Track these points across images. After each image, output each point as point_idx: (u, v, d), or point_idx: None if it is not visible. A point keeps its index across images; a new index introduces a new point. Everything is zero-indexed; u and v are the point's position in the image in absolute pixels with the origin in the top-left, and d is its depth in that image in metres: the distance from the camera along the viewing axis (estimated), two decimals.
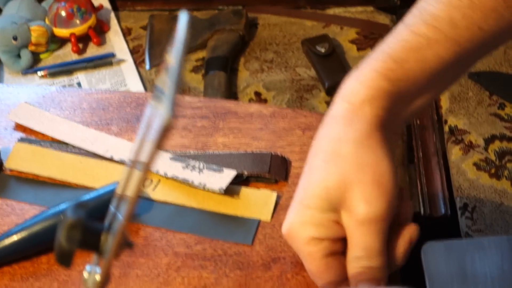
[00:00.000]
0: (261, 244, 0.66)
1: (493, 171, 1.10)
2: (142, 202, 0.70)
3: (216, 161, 0.71)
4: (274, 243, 0.65)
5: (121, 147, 0.74)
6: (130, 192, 0.38)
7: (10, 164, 0.73)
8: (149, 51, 1.39)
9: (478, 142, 1.15)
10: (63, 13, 1.40)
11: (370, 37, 1.40)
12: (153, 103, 0.34)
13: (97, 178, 0.72)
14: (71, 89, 0.81)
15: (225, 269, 0.64)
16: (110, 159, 0.73)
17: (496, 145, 1.14)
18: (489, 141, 1.15)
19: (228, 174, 0.69)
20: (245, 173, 0.70)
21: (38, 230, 0.66)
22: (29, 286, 0.64)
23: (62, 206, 0.66)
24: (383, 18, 1.43)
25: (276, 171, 0.70)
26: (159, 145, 0.33)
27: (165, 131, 0.31)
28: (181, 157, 0.72)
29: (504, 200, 1.06)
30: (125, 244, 0.41)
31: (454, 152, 1.15)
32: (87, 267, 0.43)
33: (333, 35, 1.40)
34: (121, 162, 0.72)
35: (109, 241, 0.39)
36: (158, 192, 0.70)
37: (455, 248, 0.57)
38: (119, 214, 0.41)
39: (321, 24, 1.43)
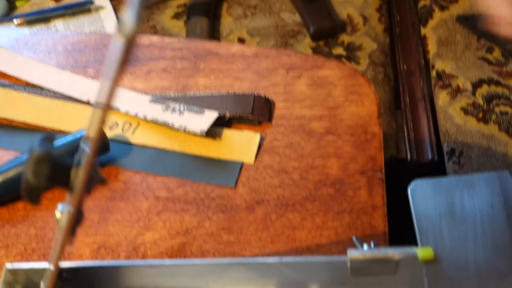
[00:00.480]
0: (245, 186, 0.64)
1: (480, 115, 1.08)
2: (121, 146, 0.67)
3: (197, 103, 0.69)
4: (258, 186, 0.64)
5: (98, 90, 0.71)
6: (94, 126, 0.35)
7: None
8: None
9: (466, 87, 1.12)
10: None
11: None
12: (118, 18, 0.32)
13: (73, 122, 0.69)
14: (46, 31, 0.77)
15: (207, 212, 0.62)
16: (87, 103, 0.70)
17: (484, 89, 1.12)
18: (477, 85, 1.13)
19: (210, 116, 0.67)
20: (227, 114, 0.67)
21: (13, 176, 0.63)
22: (5, 233, 0.62)
23: None
24: None
25: (259, 112, 0.68)
26: (124, 61, 0.30)
27: (128, 44, 0.29)
28: (160, 99, 0.69)
29: (491, 145, 1.04)
30: (97, 180, 0.38)
31: (442, 97, 1.12)
32: (59, 206, 0.41)
33: None
34: None
35: (79, 176, 0.37)
36: (137, 136, 0.68)
37: (443, 186, 0.55)
38: (88, 150, 0.38)
39: None
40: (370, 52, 1.22)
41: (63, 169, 0.36)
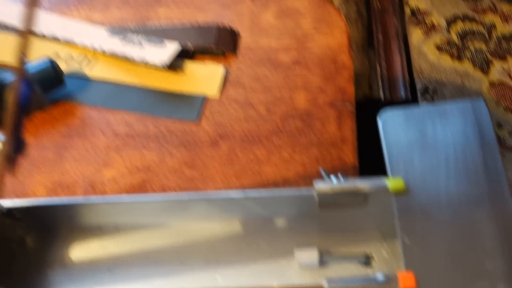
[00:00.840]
0: (208, 120, 0.61)
1: (455, 52, 1.06)
2: (78, 81, 0.64)
3: (158, 35, 0.65)
4: (222, 120, 0.60)
5: (51, 23, 0.67)
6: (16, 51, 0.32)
7: None
8: None
9: (440, 24, 1.09)
10: None
11: None
12: None
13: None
14: None
15: (169, 148, 0.59)
16: (40, 35, 0.66)
17: (459, 26, 1.09)
18: (451, 22, 1.10)
19: (171, 48, 0.63)
20: (190, 45, 0.64)
21: None
22: None
23: None
24: None
25: (223, 44, 0.64)
26: None
27: None
28: (119, 31, 0.65)
29: (465, 82, 1.02)
30: (37, 104, 0.35)
31: (415, 35, 1.09)
32: None
33: None
34: (52, 38, 0.65)
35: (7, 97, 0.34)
36: (95, 70, 0.64)
37: (415, 115, 0.53)
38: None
39: None
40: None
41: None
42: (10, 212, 0.50)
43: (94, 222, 0.54)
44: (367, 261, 0.52)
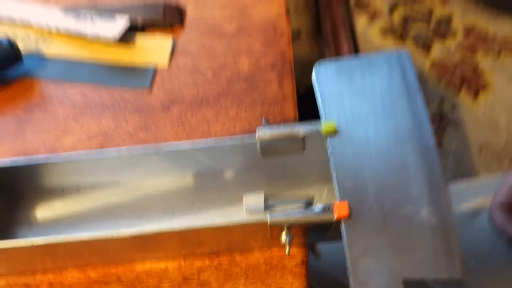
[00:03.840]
0: (159, 88, 0.65)
1: (398, 35, 1.12)
2: (36, 59, 0.68)
3: (109, 12, 0.69)
4: (172, 86, 0.65)
5: (9, 7, 0.70)
6: None
7: None
8: None
9: (383, 9, 1.15)
10: None
11: None
12: None
13: None
14: None
15: (124, 114, 0.63)
16: None
17: (400, 10, 1.15)
18: (393, 6, 1.16)
19: (121, 22, 0.67)
20: (139, 20, 0.68)
21: None
22: None
23: None
24: None
25: (170, 17, 0.69)
26: None
27: None
28: (72, 10, 0.69)
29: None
30: None
31: (361, 21, 1.15)
32: None
33: None
34: (10, 21, 0.69)
35: None
36: (51, 48, 0.68)
37: (346, 66, 0.58)
38: None
39: None
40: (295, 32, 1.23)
41: None
42: None
43: (56, 183, 0.58)
44: (309, 202, 0.57)
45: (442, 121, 0.99)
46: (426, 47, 1.11)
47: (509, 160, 0.96)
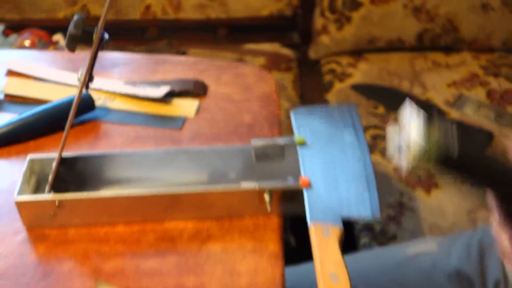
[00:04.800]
0: (187, 129, 0.95)
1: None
2: (104, 111, 0.98)
3: (156, 84, 1.02)
4: (196, 129, 0.95)
5: None
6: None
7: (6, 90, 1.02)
8: None
9: None
10: (27, 43, 1.70)
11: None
12: None
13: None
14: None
15: (163, 143, 0.92)
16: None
17: (371, 131, 1.48)
18: (365, 129, 1.49)
19: (164, 88, 0.99)
20: (176, 88, 1.00)
21: (29, 120, 0.93)
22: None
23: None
24: (286, 52, 1.82)
25: (198, 89, 1.01)
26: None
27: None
28: (130, 82, 1.02)
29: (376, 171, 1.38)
30: (104, 44, 0.70)
31: None
32: (80, 70, 0.72)
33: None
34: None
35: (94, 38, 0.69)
36: (115, 104, 0.99)
37: (313, 110, 0.87)
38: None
39: (237, 56, 1.80)
40: (285, 110, 1.58)
41: (89, 31, 0.68)
42: (64, 161, 0.81)
43: (114, 175, 0.85)
44: None
45: (402, 208, 1.28)
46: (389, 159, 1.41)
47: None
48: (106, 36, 0.69)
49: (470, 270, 0.96)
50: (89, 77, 0.72)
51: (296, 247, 0.85)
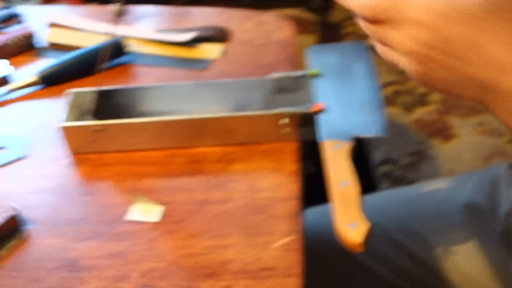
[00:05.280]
0: (212, 71, 1.03)
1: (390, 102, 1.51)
2: (134, 55, 1.07)
3: (182, 31, 1.10)
4: (219, 68, 1.03)
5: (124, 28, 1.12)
6: None
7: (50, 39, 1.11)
8: None
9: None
10: None
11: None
12: None
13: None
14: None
15: (187, 79, 1.01)
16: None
17: (392, 87, 1.56)
18: (386, 85, 1.56)
19: (190, 34, 1.08)
20: (201, 34, 1.08)
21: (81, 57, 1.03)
22: None
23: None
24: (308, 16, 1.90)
25: (222, 34, 1.09)
26: None
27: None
28: (159, 30, 1.11)
29: None
30: None
31: None
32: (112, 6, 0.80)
33: None
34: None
35: None
36: (144, 48, 1.08)
37: (329, 47, 0.95)
38: None
39: None
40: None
41: None
42: (102, 94, 0.90)
43: (146, 108, 0.93)
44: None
45: (420, 155, 1.35)
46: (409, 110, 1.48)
47: None
48: None
49: (482, 202, 1.00)
50: (121, 12, 0.80)
51: (316, 172, 0.92)
